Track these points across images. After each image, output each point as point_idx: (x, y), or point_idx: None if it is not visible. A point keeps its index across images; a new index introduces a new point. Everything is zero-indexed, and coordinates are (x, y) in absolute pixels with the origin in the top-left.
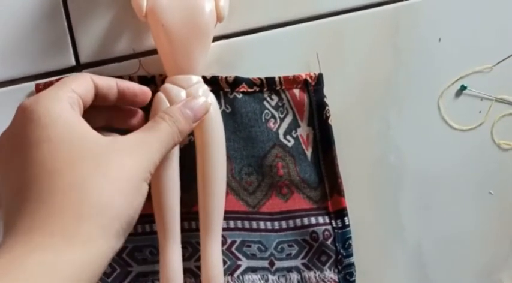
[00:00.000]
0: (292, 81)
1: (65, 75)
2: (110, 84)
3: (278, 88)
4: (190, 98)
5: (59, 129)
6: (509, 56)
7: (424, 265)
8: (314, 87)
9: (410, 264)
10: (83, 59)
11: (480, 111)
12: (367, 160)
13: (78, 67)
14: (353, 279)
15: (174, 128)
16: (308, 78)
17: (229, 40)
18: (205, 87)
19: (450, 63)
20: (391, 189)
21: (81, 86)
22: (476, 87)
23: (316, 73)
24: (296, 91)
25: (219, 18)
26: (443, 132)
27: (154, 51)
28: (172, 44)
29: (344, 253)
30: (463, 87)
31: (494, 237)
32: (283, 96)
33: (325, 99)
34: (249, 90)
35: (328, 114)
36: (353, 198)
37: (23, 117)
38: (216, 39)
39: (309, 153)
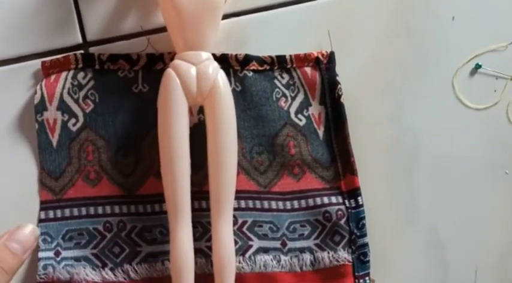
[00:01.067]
0: (304, 59)
1: (71, 53)
2: None
3: (289, 66)
4: (15, 229)
5: None
6: None
7: (440, 246)
8: (326, 65)
9: (427, 245)
10: (90, 36)
11: (495, 90)
12: (380, 140)
13: (85, 45)
14: (367, 259)
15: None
16: (320, 56)
17: (238, 18)
18: (215, 64)
19: (464, 42)
20: (406, 169)
21: None
22: (491, 65)
23: (328, 51)
24: (307, 69)
25: None
26: (457, 111)
27: (163, 29)
28: (182, 19)
29: (358, 233)
30: (478, 66)
31: (511, 218)
32: (294, 74)
33: (337, 78)
34: (260, 68)
35: (340, 93)
36: (366, 179)
37: None
38: (226, 17)
39: (321, 132)
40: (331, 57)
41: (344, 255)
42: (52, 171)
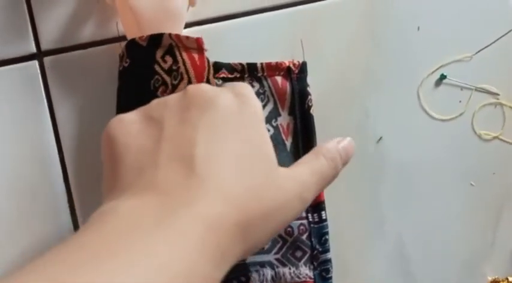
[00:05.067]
0: (275, 68)
1: (24, 64)
2: None
3: (260, 74)
4: (341, 139)
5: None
6: (488, 45)
7: (405, 258)
8: (297, 75)
9: (391, 257)
10: (45, 45)
11: (460, 101)
12: None
13: (40, 54)
14: (329, 275)
15: (332, 168)
16: (291, 66)
17: (201, 27)
18: None
19: (429, 52)
20: (371, 180)
21: None
22: (456, 76)
23: (300, 61)
24: (278, 78)
25: (192, 2)
26: (423, 121)
27: (123, 38)
28: (142, 28)
29: (320, 249)
30: (443, 76)
31: (476, 229)
32: (264, 83)
33: (308, 88)
34: (230, 76)
35: (310, 104)
36: (331, 190)
37: None
38: (188, 25)
39: (288, 143)
40: (302, 67)
41: (305, 272)
42: None
